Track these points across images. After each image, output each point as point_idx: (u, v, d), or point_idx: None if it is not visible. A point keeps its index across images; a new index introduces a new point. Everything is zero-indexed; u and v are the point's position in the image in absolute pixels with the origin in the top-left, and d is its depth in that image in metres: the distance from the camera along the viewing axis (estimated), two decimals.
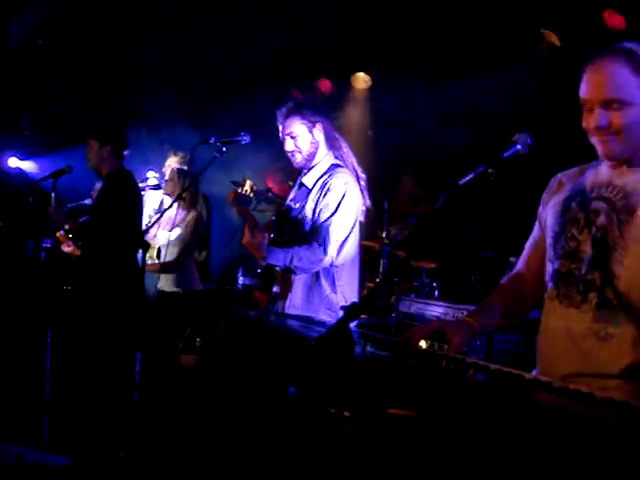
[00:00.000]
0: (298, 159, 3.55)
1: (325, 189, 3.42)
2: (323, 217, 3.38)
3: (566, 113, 2.12)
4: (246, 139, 3.86)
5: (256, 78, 8.20)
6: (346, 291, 3.49)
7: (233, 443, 4.66)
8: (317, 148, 3.54)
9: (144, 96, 8.26)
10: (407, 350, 1.99)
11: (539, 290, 2.26)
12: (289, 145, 3.54)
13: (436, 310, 4.28)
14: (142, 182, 5.77)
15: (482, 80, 6.36)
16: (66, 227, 4.72)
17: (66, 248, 6.42)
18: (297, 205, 3.57)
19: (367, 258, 6.62)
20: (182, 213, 5.27)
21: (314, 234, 3.38)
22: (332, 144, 3.60)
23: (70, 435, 4.88)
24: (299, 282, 3.45)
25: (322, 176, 3.49)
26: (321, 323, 2.46)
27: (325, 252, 3.33)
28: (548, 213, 2.23)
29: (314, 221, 3.43)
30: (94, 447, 4.21)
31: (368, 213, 3.69)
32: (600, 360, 1.96)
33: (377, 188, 7.18)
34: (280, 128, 3.57)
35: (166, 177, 5.43)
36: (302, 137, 3.51)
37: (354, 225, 3.47)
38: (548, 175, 2.35)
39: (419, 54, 6.82)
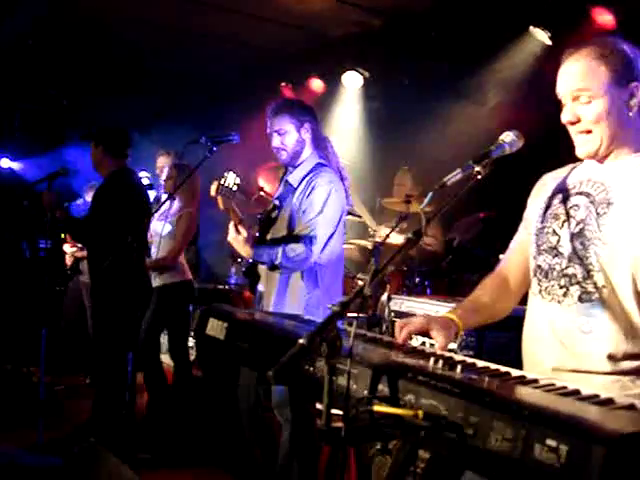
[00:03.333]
0: (283, 156, 3.59)
1: (310, 188, 3.45)
2: (309, 216, 3.41)
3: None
4: (236, 139, 3.87)
5: (247, 78, 8.20)
6: (329, 291, 3.52)
7: (223, 440, 4.66)
8: (303, 147, 3.58)
9: (136, 96, 8.27)
10: (396, 348, 2.01)
11: (521, 290, 2.29)
12: (276, 141, 3.58)
13: (428, 308, 4.28)
14: None
15: (475, 76, 6.39)
16: (57, 214, 4.67)
17: (68, 248, 6.40)
18: (282, 203, 3.60)
19: (358, 256, 6.66)
20: (176, 208, 5.28)
21: (300, 233, 3.40)
22: (318, 144, 3.64)
23: (63, 435, 4.89)
24: (282, 281, 3.47)
25: (307, 175, 3.52)
26: (309, 321, 2.47)
27: (311, 250, 3.35)
28: (532, 212, 2.25)
29: (299, 220, 3.45)
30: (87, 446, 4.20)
31: (350, 213, 3.68)
32: (584, 354, 1.97)
33: (370, 186, 7.25)
34: (268, 123, 3.61)
35: (164, 176, 5.42)
36: (289, 135, 3.55)
37: (338, 224, 3.50)
38: (539, 172, 2.36)
39: (410, 52, 6.84)
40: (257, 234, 3.55)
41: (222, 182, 3.47)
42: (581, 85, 1.99)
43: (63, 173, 4.74)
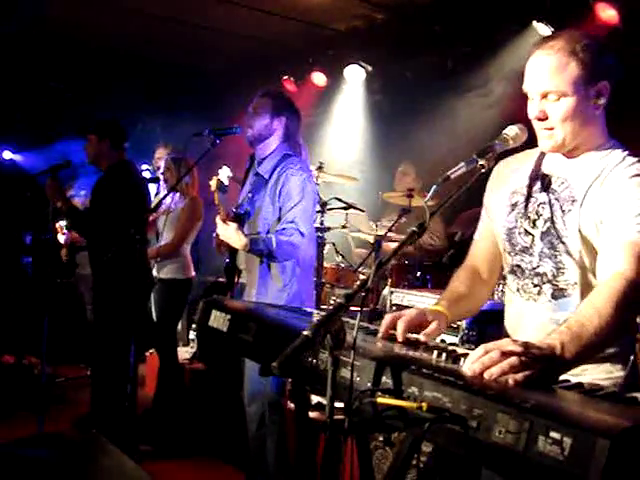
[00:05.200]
0: (248, 133, 3.67)
1: (283, 178, 3.51)
2: (289, 205, 3.47)
3: None
4: (239, 131, 3.90)
5: (250, 71, 8.19)
6: (306, 283, 3.62)
7: (225, 432, 4.67)
8: (270, 135, 3.64)
9: (139, 89, 8.26)
10: (397, 340, 2.00)
11: (492, 278, 2.33)
12: (248, 118, 3.67)
13: (429, 302, 4.29)
14: None
15: (478, 70, 6.37)
16: (58, 205, 4.69)
17: (62, 238, 6.41)
18: (255, 196, 3.66)
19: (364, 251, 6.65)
20: (177, 198, 5.36)
21: (284, 222, 3.45)
22: (291, 144, 3.70)
23: (64, 426, 4.91)
24: (262, 275, 3.53)
25: (277, 166, 3.59)
26: (312, 314, 2.47)
27: (302, 236, 3.42)
28: (496, 205, 2.25)
29: (276, 210, 3.51)
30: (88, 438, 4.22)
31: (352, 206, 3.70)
32: None
33: (371, 180, 7.24)
34: (252, 101, 3.72)
35: (162, 168, 5.47)
36: (261, 118, 3.63)
37: (313, 214, 3.62)
38: None
39: (413, 46, 6.83)
40: None
41: (219, 176, 3.54)
42: (551, 85, 1.96)
43: (66, 165, 4.76)
